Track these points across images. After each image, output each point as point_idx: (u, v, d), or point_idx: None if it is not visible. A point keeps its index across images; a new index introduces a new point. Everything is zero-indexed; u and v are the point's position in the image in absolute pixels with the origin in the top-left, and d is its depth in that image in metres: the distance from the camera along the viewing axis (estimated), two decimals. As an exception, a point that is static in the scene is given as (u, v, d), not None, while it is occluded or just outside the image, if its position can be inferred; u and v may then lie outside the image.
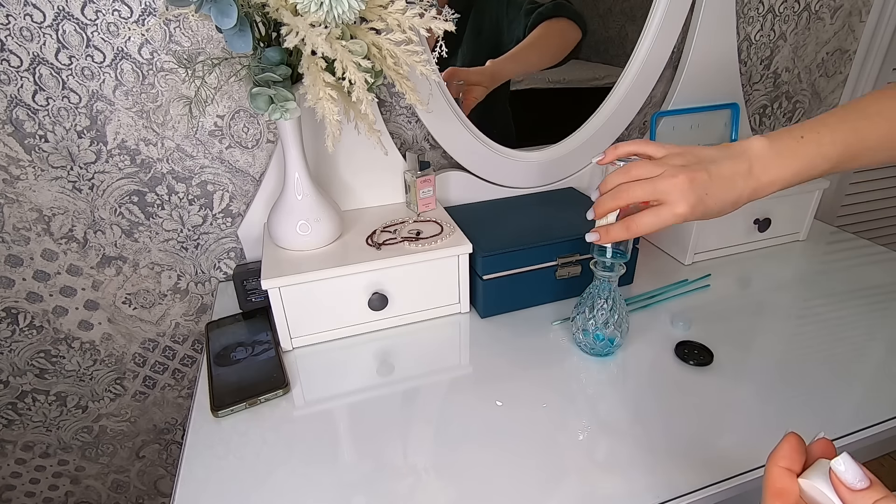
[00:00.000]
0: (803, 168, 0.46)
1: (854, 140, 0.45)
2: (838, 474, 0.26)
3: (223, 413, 0.55)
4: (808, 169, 0.46)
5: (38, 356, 0.82)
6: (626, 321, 0.61)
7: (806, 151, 0.45)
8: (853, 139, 0.45)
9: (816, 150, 0.45)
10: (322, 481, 0.48)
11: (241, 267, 0.76)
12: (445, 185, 0.84)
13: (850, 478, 0.26)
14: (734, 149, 0.47)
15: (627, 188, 0.47)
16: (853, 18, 1.04)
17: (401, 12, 0.52)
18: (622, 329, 0.60)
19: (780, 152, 0.46)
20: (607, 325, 0.60)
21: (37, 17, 0.61)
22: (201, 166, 0.75)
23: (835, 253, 0.85)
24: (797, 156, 0.45)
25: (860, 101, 0.46)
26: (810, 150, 0.45)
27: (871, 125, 0.45)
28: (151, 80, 0.68)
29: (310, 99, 0.51)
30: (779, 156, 0.46)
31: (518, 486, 0.47)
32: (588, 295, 0.61)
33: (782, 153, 0.46)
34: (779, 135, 0.47)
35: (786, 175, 0.46)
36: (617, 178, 0.49)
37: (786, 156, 0.46)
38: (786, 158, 0.46)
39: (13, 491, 0.93)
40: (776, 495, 0.28)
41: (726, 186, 0.46)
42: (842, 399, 0.55)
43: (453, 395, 0.58)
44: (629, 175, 0.48)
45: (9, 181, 0.69)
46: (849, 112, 0.46)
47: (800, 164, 0.45)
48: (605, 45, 0.90)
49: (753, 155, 0.46)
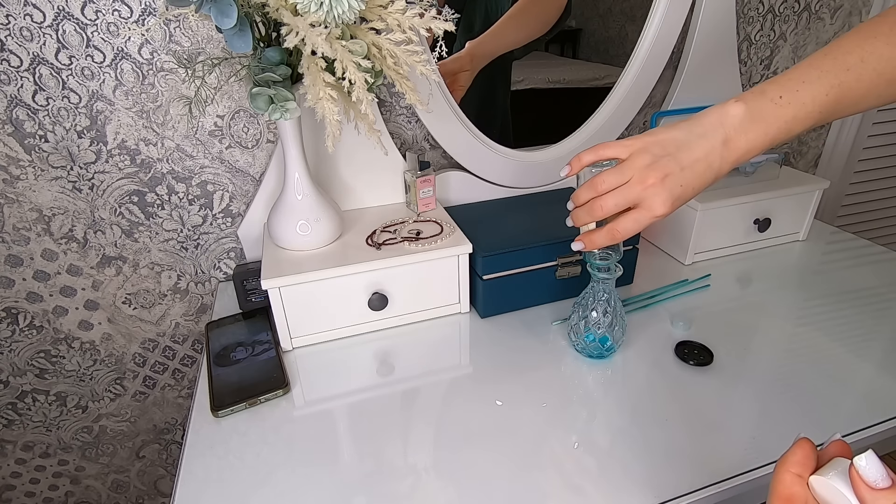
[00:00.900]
0: (783, 131, 0.42)
1: (837, 94, 0.41)
2: (860, 470, 0.25)
3: (223, 413, 0.55)
4: (788, 131, 0.43)
5: (38, 356, 0.82)
6: (622, 324, 0.60)
7: (785, 113, 0.42)
8: (836, 94, 0.41)
9: (796, 111, 0.42)
10: (322, 481, 0.48)
11: (241, 267, 0.76)
12: (445, 185, 0.84)
13: (872, 475, 0.24)
14: (706, 122, 0.44)
15: (600, 202, 0.46)
16: (853, 18, 1.04)
17: (401, 12, 0.52)
18: (614, 331, 0.60)
19: (758, 117, 0.42)
20: (599, 327, 0.59)
21: (37, 17, 0.61)
22: (201, 166, 0.75)
23: (835, 253, 0.85)
24: (777, 118, 0.42)
25: (841, 46, 0.42)
26: (789, 112, 0.42)
27: (855, 77, 0.41)
28: (151, 80, 0.68)
29: (310, 99, 0.51)
30: (756, 121, 0.42)
31: (518, 485, 0.47)
32: (584, 296, 0.61)
33: (760, 118, 0.42)
34: (755, 96, 0.43)
35: (764, 141, 0.43)
36: (586, 193, 0.47)
37: (764, 120, 0.42)
38: (764, 123, 0.42)
39: (13, 491, 0.93)
40: (785, 501, 0.27)
41: (701, 170, 0.43)
42: (842, 399, 0.55)
43: (453, 395, 0.58)
44: (597, 189, 0.46)
45: (9, 181, 0.69)
46: (830, 61, 0.41)
47: (779, 128, 0.42)
48: (605, 45, 0.91)
49: (729, 124, 0.43)
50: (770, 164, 0.85)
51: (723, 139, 0.43)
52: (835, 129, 1.18)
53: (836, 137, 1.19)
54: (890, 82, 0.41)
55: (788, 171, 0.89)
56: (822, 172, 1.23)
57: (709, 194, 0.81)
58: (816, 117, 0.42)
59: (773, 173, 0.86)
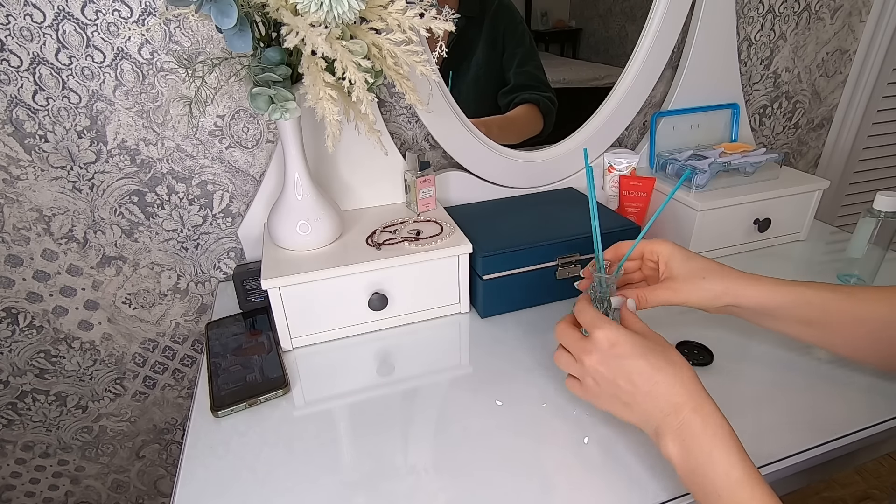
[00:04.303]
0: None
1: None
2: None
3: (223, 413, 0.55)
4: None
5: (38, 356, 0.82)
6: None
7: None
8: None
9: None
10: (322, 481, 0.48)
11: (241, 267, 0.76)
12: (445, 185, 0.84)
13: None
14: (659, 402, 0.42)
15: (557, 354, 0.51)
16: (853, 18, 1.04)
17: (401, 12, 0.52)
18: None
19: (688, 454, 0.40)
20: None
21: (37, 17, 0.61)
22: (201, 166, 0.75)
23: (835, 253, 0.85)
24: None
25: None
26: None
27: None
28: (151, 80, 0.68)
29: (310, 99, 0.51)
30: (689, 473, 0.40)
31: (518, 485, 0.47)
32: (592, 288, 0.61)
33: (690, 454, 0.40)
34: (695, 449, 0.40)
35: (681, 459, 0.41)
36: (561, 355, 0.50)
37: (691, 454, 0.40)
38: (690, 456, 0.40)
39: (13, 491, 0.93)
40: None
41: (630, 417, 0.46)
42: (841, 398, 0.55)
43: (453, 395, 0.58)
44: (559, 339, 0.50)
45: (9, 181, 0.69)
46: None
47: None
48: (605, 45, 0.91)
49: (667, 427, 0.41)
50: (770, 164, 0.85)
51: (654, 431, 0.43)
52: (835, 129, 1.18)
53: (836, 137, 1.19)
54: None
55: (788, 171, 0.89)
56: (822, 172, 1.23)
57: (709, 194, 0.81)
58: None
59: (773, 173, 0.86)
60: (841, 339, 0.51)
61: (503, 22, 0.81)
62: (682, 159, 0.86)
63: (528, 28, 0.84)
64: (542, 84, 0.86)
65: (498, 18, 0.81)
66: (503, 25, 0.81)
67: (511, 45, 0.82)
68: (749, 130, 1.01)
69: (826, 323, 0.50)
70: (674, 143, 0.94)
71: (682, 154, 0.89)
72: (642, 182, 0.81)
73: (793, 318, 0.51)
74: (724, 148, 0.89)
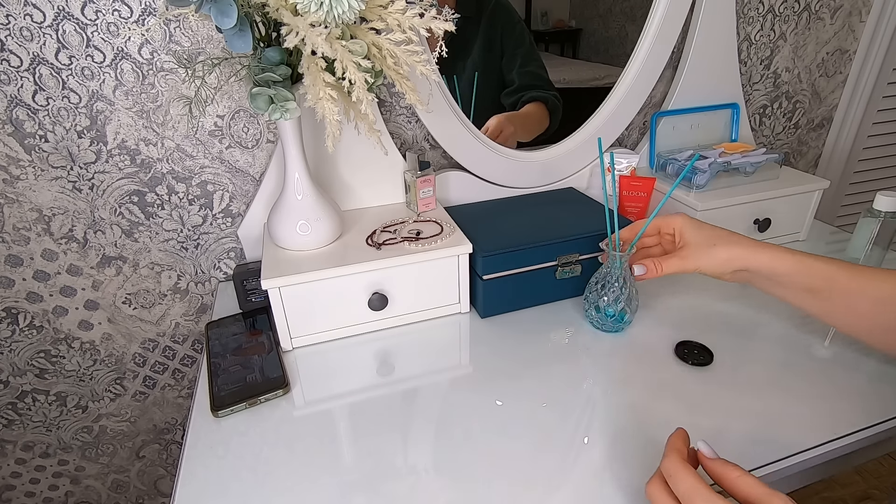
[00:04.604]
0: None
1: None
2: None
3: (223, 413, 0.55)
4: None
5: (38, 356, 0.82)
6: (637, 298, 0.65)
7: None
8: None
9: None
10: (322, 481, 0.48)
11: (241, 267, 0.76)
12: (445, 185, 0.84)
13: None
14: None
15: None
16: (853, 18, 1.04)
17: (401, 12, 0.52)
18: (633, 306, 0.64)
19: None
20: (618, 302, 0.63)
21: (37, 17, 0.61)
22: (201, 166, 0.75)
23: (835, 253, 0.85)
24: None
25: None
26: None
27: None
28: (151, 80, 0.68)
29: (310, 99, 0.51)
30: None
31: (518, 485, 0.47)
32: (601, 274, 0.65)
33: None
34: None
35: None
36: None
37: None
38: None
39: (13, 491, 0.93)
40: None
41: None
42: (841, 398, 0.55)
43: (453, 394, 0.58)
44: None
45: (9, 181, 0.69)
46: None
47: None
48: (605, 45, 0.91)
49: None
50: (770, 164, 0.85)
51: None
52: (835, 129, 1.18)
53: (836, 137, 1.19)
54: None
55: (788, 171, 0.89)
56: (822, 172, 1.23)
57: (709, 194, 0.81)
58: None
59: (773, 173, 0.86)
60: (843, 311, 0.52)
61: (500, 22, 0.81)
62: (682, 159, 0.87)
63: (527, 28, 0.84)
64: (546, 83, 0.86)
65: (495, 18, 0.81)
66: (500, 25, 0.81)
67: (510, 45, 0.82)
68: (749, 130, 1.01)
69: (830, 293, 0.52)
70: (674, 143, 0.94)
71: (682, 154, 0.89)
72: (642, 182, 0.81)
73: (799, 285, 0.53)
74: (724, 148, 0.89)
